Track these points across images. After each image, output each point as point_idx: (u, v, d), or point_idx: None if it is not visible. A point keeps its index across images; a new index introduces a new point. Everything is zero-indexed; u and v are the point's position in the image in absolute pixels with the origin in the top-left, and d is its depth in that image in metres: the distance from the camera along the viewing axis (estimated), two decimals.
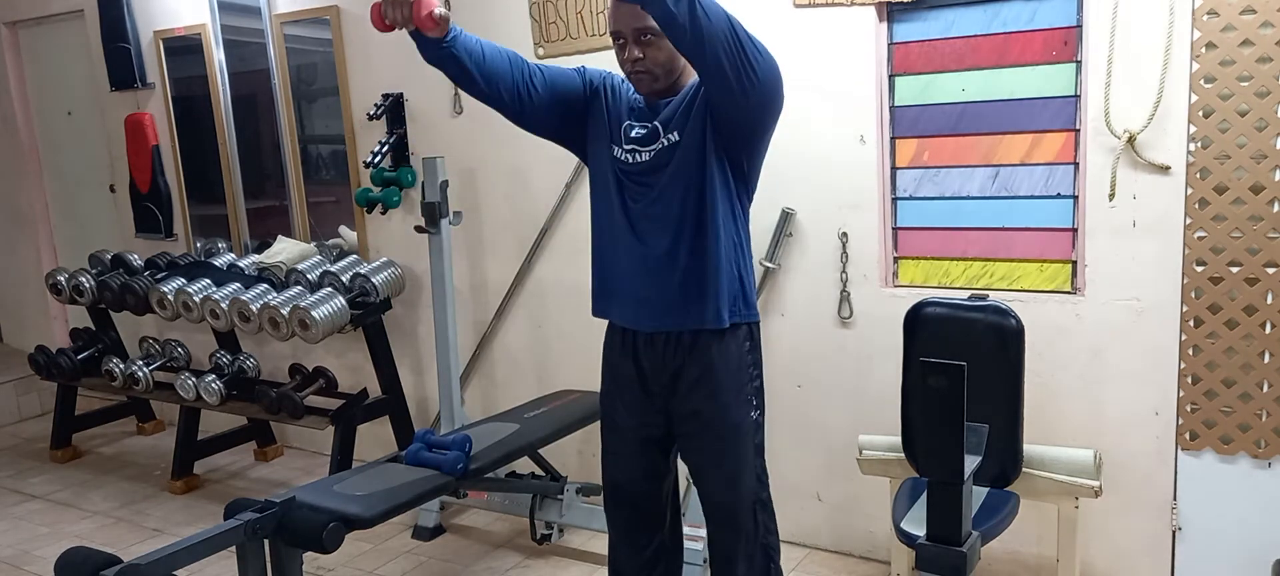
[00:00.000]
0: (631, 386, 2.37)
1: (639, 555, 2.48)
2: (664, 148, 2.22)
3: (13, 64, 5.56)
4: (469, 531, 3.72)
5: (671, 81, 2.22)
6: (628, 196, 2.28)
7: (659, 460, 2.42)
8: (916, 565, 2.03)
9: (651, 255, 2.25)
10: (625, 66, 2.22)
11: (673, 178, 2.21)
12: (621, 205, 2.29)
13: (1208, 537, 2.74)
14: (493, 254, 3.93)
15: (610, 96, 2.33)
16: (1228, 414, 2.66)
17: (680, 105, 2.22)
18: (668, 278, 2.24)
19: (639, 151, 2.25)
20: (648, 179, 2.25)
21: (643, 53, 2.16)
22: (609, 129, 2.31)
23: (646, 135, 2.24)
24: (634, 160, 2.26)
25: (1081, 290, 2.81)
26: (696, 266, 2.22)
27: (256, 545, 2.37)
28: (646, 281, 2.26)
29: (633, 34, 2.14)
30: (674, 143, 2.21)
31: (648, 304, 2.28)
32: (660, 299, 2.26)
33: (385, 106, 3.95)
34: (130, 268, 4.58)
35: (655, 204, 2.24)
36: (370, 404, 4.00)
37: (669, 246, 2.23)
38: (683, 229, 2.22)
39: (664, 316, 2.27)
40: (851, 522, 3.28)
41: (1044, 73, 2.78)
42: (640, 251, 2.27)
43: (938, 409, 1.90)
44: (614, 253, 2.32)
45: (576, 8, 3.45)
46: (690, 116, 2.19)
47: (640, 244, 2.27)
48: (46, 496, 4.31)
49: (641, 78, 2.21)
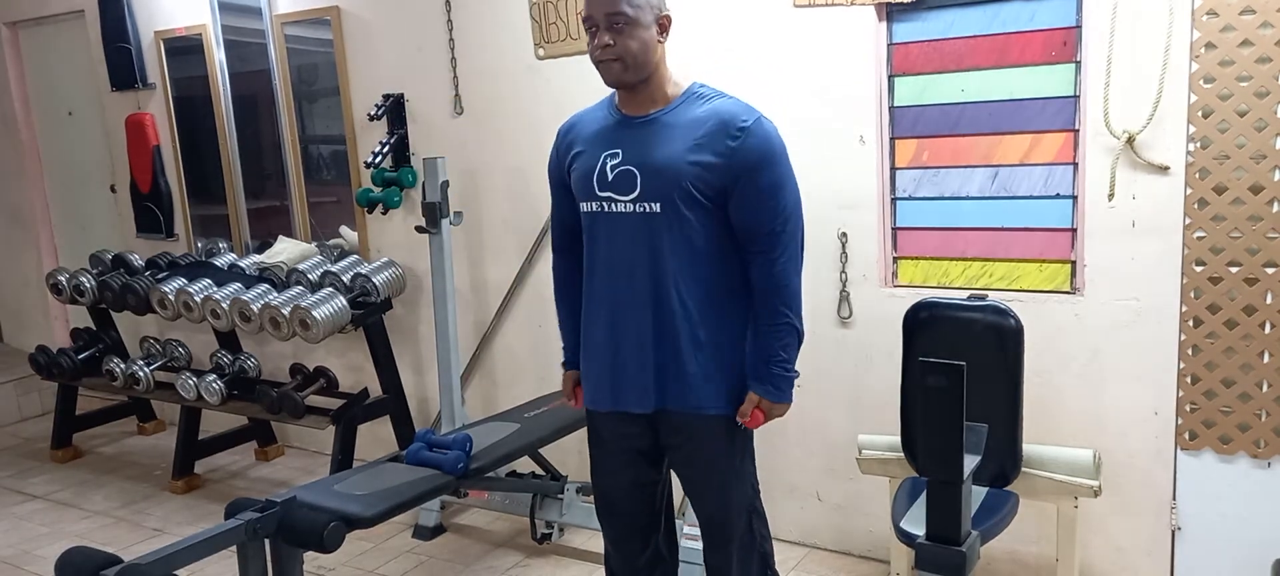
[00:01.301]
0: None
1: (633, 562, 2.44)
2: (641, 214, 2.12)
3: (13, 64, 5.56)
4: (469, 531, 3.72)
5: (645, 76, 2.11)
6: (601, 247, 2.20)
7: (647, 470, 2.36)
8: (916, 564, 2.04)
9: (621, 327, 2.20)
10: (594, 54, 2.10)
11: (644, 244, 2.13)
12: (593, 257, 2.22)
13: (1207, 537, 2.75)
14: (493, 254, 3.93)
15: (571, 150, 2.25)
16: (1227, 414, 2.66)
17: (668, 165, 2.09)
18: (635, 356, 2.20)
19: (615, 201, 2.14)
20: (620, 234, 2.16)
21: (613, 39, 2.05)
22: (580, 188, 2.22)
23: (621, 177, 2.13)
24: (608, 209, 2.16)
25: (1081, 290, 2.81)
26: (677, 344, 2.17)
27: (257, 544, 2.38)
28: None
29: (605, 19, 2.05)
30: (652, 213, 2.11)
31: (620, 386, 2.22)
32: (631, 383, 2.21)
33: (386, 107, 3.95)
34: (131, 267, 4.59)
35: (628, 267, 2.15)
36: (371, 403, 4.00)
37: (638, 320, 2.16)
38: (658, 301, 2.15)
39: (635, 399, 2.21)
40: (851, 522, 3.29)
41: (1043, 73, 2.79)
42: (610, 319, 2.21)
43: (937, 408, 1.91)
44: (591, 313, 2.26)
45: (576, 8, 3.45)
46: (690, 202, 2.09)
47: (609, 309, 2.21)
48: (47, 496, 4.32)
49: (611, 67, 2.09)
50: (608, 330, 2.22)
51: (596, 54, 2.10)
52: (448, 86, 3.86)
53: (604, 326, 2.22)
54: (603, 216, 2.17)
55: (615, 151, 2.14)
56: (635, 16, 2.05)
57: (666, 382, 2.18)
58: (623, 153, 2.14)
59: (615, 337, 2.20)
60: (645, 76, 2.12)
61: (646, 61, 2.10)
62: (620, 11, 2.04)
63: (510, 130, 3.76)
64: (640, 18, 2.06)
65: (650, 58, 2.10)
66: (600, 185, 2.15)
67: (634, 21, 2.05)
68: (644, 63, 2.09)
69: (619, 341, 2.20)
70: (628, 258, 2.15)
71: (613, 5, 2.04)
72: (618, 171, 2.13)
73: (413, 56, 3.94)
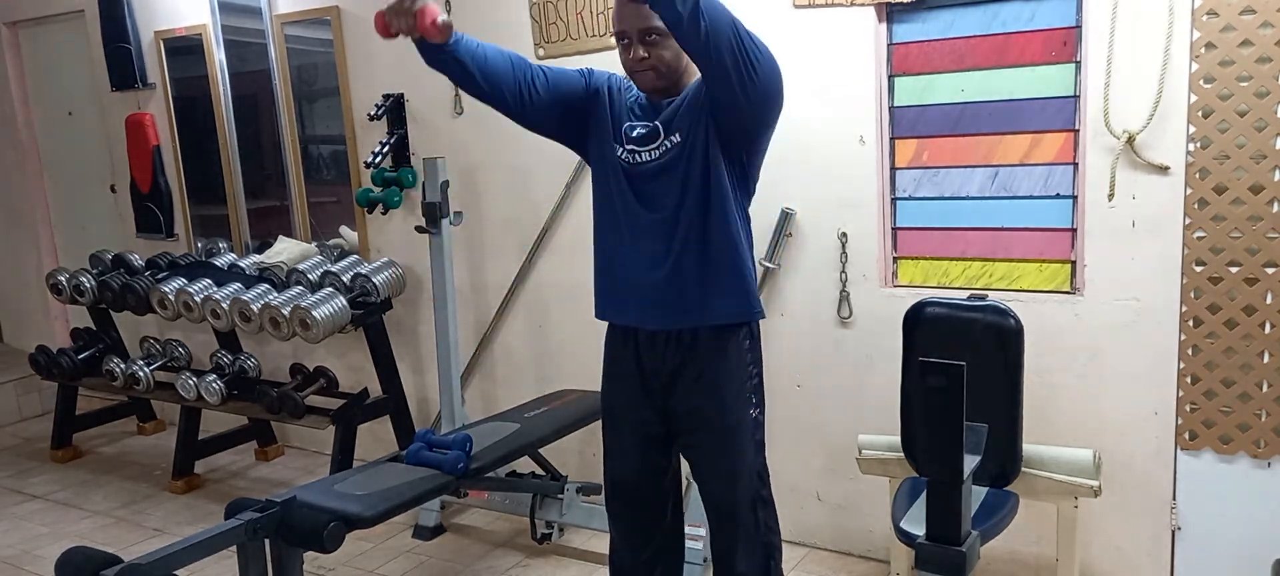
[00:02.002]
0: (632, 384, 2.38)
1: (639, 553, 2.49)
2: (665, 149, 2.23)
3: (13, 64, 5.56)
4: (469, 531, 3.72)
5: (674, 81, 2.24)
6: (629, 196, 2.29)
7: (659, 457, 2.43)
8: (916, 564, 2.04)
9: (653, 255, 2.26)
10: (630, 66, 2.23)
11: (673, 178, 2.22)
12: (623, 205, 2.30)
13: (1207, 537, 2.75)
14: (493, 254, 3.93)
15: (612, 97, 2.35)
16: (1227, 414, 2.66)
17: (681, 105, 2.23)
18: (670, 277, 2.25)
19: (640, 151, 2.26)
20: (649, 179, 2.26)
21: (648, 52, 2.18)
22: (611, 129, 2.32)
23: (647, 135, 2.25)
24: (635, 160, 2.27)
25: (1080, 290, 2.81)
26: (698, 266, 2.24)
27: (257, 544, 2.37)
28: (648, 281, 2.27)
29: (637, 34, 2.16)
30: (675, 143, 2.22)
31: (650, 303, 2.29)
32: (662, 298, 2.27)
33: (386, 107, 3.95)
34: (131, 267, 4.59)
35: (656, 204, 2.25)
36: (371, 403, 4.00)
37: (670, 246, 2.24)
38: (683, 228, 2.23)
39: (666, 315, 2.28)
40: (851, 522, 3.29)
41: (1043, 73, 2.79)
42: (642, 251, 2.28)
43: (937, 408, 1.91)
44: (616, 253, 2.34)
45: (576, 8, 3.45)
46: (692, 117, 2.20)
47: (641, 244, 2.28)
48: (47, 496, 4.32)
49: (646, 77, 2.22)
50: (648, 255, 2.28)
51: (632, 66, 2.22)
52: (448, 86, 3.83)
53: (630, 255, 2.30)
54: (630, 166, 2.28)
55: (642, 121, 2.28)
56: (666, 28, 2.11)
57: (699, 299, 2.26)
58: (647, 120, 2.27)
59: (639, 263, 2.28)
60: (676, 80, 2.24)
61: (678, 67, 2.22)
62: (654, 26, 2.14)
63: (510, 130, 3.70)
64: None
65: (681, 63, 2.22)
66: (627, 138, 2.28)
67: (666, 33, 2.12)
68: (676, 68, 2.22)
69: (642, 266, 2.28)
70: (659, 191, 2.25)
71: (646, 21, 2.13)
72: (645, 130, 2.26)
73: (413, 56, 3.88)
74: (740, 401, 2.31)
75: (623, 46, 2.22)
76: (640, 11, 2.11)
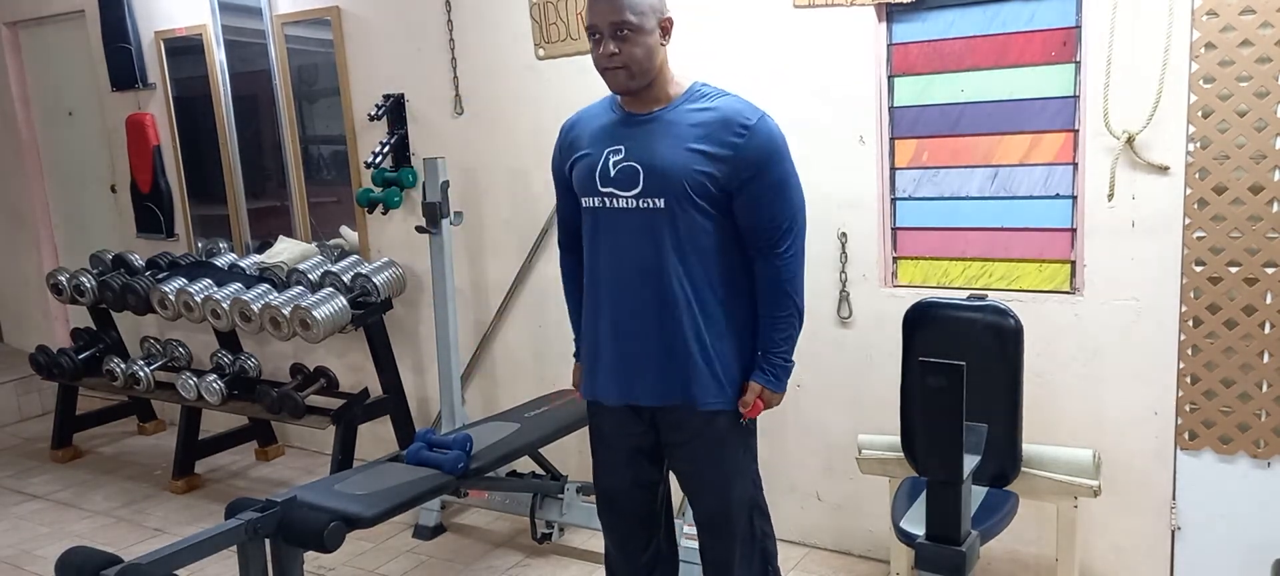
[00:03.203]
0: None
1: (634, 562, 2.45)
2: (646, 207, 2.14)
3: (13, 64, 5.56)
4: (469, 530, 3.72)
5: (648, 81, 2.13)
6: (607, 245, 2.21)
7: (649, 468, 2.38)
8: (916, 564, 2.04)
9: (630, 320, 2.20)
10: (600, 62, 2.13)
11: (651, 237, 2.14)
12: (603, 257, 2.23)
13: (1207, 537, 2.75)
14: (493, 254, 3.93)
15: (576, 141, 2.26)
16: (1227, 414, 2.66)
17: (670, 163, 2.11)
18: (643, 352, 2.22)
19: (617, 196, 2.16)
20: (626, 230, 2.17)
21: (619, 48, 2.08)
22: (582, 184, 2.24)
23: (625, 173, 2.14)
24: (609, 205, 2.18)
25: (1080, 290, 2.81)
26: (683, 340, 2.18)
27: (257, 544, 2.38)
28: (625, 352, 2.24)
29: (609, 28, 2.08)
30: (655, 209, 2.13)
31: (623, 377, 2.24)
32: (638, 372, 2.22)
33: (386, 107, 3.95)
34: (131, 268, 4.59)
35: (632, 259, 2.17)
36: (371, 403, 4.00)
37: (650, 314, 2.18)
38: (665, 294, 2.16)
39: (648, 392, 2.23)
40: (851, 522, 3.29)
41: (1043, 73, 2.79)
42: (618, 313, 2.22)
43: (937, 408, 1.91)
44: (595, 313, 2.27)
45: (577, 8, 3.45)
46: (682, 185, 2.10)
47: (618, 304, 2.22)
48: (47, 496, 4.32)
49: (617, 75, 2.11)
50: (611, 325, 2.23)
51: (602, 62, 2.12)
52: (448, 86, 3.86)
53: (608, 321, 2.24)
54: (605, 212, 2.19)
55: (618, 148, 2.17)
56: (639, 24, 2.07)
57: (669, 378, 2.19)
58: (625, 149, 2.16)
59: (618, 332, 2.22)
60: (650, 80, 2.14)
61: (651, 66, 2.12)
62: (625, 21, 2.06)
63: (510, 130, 3.76)
64: (644, 24, 2.08)
65: (654, 62, 2.13)
66: (603, 181, 2.18)
67: (638, 28, 2.07)
68: (649, 68, 2.12)
69: (622, 336, 2.22)
70: (631, 253, 2.17)
71: (617, 15, 2.07)
72: (620, 167, 2.15)
73: (413, 56, 3.94)
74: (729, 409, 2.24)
75: (594, 42, 2.13)
76: (613, 4, 2.05)
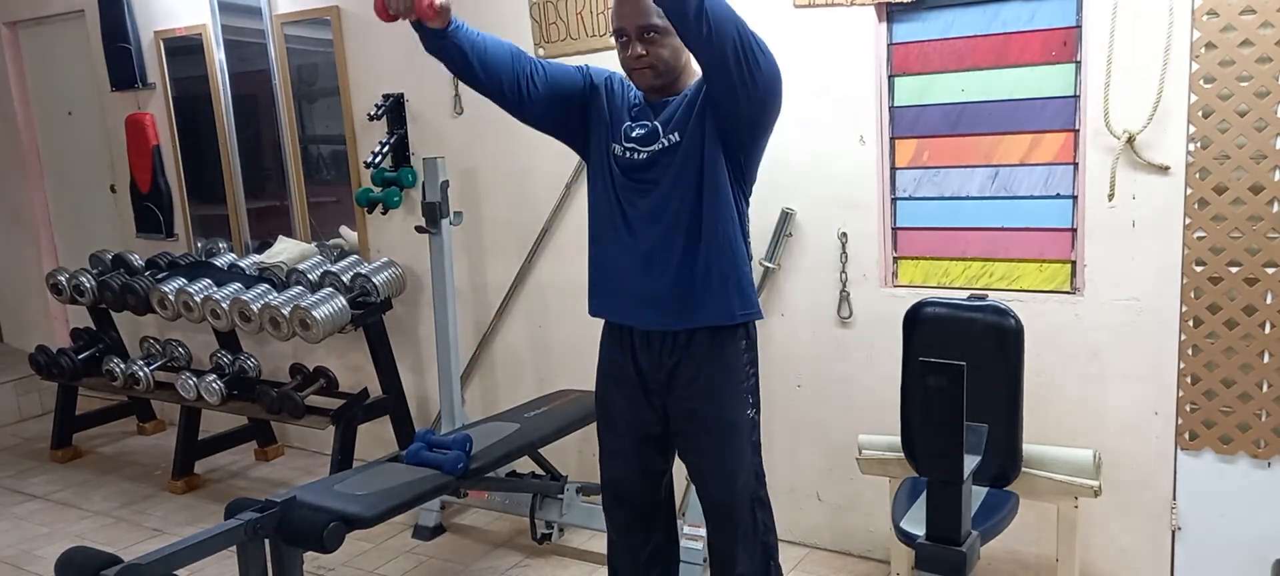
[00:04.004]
0: (628, 384, 2.38)
1: (636, 554, 2.49)
2: (664, 148, 2.23)
3: (13, 64, 5.56)
4: (469, 531, 3.72)
5: (673, 79, 2.24)
6: (626, 195, 2.29)
7: (656, 458, 2.43)
8: (916, 564, 2.04)
9: (649, 254, 2.26)
10: (628, 63, 2.23)
11: (671, 177, 2.22)
12: (619, 203, 2.30)
13: (1207, 537, 2.74)
14: (493, 254, 3.93)
15: (611, 95, 2.35)
16: (1227, 414, 2.66)
17: (681, 105, 2.23)
18: (665, 277, 2.24)
19: (638, 150, 2.26)
20: (646, 178, 2.26)
21: (646, 49, 2.18)
22: (609, 127, 2.32)
23: (646, 134, 2.25)
24: (633, 158, 2.27)
25: (1081, 290, 2.81)
26: (694, 266, 2.23)
27: (257, 544, 2.38)
28: (644, 280, 2.27)
29: (636, 31, 2.16)
30: (674, 143, 2.22)
31: (645, 302, 2.29)
32: (658, 298, 2.26)
33: (386, 107, 3.95)
34: (131, 267, 4.59)
35: (654, 203, 2.25)
36: (371, 403, 4.00)
37: (666, 245, 2.24)
38: (680, 228, 2.23)
39: (662, 316, 2.28)
40: (851, 522, 3.29)
41: (1043, 73, 2.79)
42: (638, 250, 2.27)
43: (937, 409, 1.91)
44: (612, 251, 2.33)
45: (576, 8, 3.45)
46: (691, 117, 2.20)
47: (638, 242, 2.27)
48: (47, 496, 4.32)
49: (644, 74, 2.22)
50: (645, 254, 2.27)
51: (630, 64, 2.21)
52: (448, 86, 3.85)
53: (625, 252, 2.30)
54: (626, 163, 2.28)
55: (641, 120, 2.28)
56: (665, 26, 2.13)
57: (696, 299, 2.25)
58: (645, 119, 2.27)
59: (649, 261, 2.27)
60: (674, 78, 2.24)
61: (676, 65, 2.22)
62: (651, 23, 2.14)
63: (510, 130, 3.73)
64: (669, 26, 2.12)
65: (679, 61, 2.22)
66: (626, 137, 2.27)
67: (665, 31, 2.14)
68: (674, 67, 2.22)
69: (651, 265, 2.27)
70: (655, 190, 2.25)
71: (644, 18, 2.14)
72: (642, 129, 2.26)
73: (413, 56, 3.89)
74: (737, 402, 2.30)
75: (621, 44, 2.22)
76: (639, 8, 2.11)
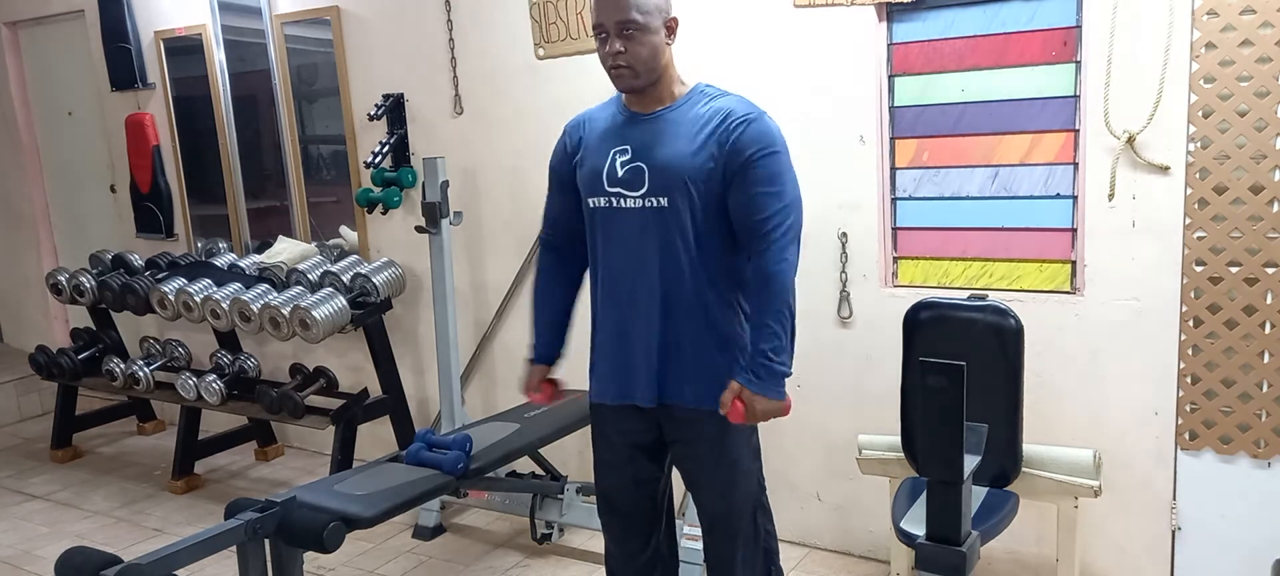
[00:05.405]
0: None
1: (633, 562, 2.44)
2: (650, 207, 2.15)
3: (13, 64, 5.56)
4: (469, 531, 3.72)
5: (654, 80, 2.15)
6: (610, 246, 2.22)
7: (650, 466, 2.37)
8: (916, 564, 2.04)
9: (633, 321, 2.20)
10: (606, 61, 2.14)
11: (655, 240, 2.15)
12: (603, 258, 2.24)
13: (1207, 537, 2.75)
14: (493, 254, 3.93)
15: (584, 141, 2.27)
16: (1227, 414, 2.66)
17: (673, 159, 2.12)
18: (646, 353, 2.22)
19: (624, 196, 2.17)
20: (629, 231, 2.18)
21: (624, 46, 2.09)
22: (589, 184, 2.23)
23: (632, 174, 2.15)
24: (616, 205, 2.18)
25: (1081, 290, 2.81)
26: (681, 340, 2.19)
27: (257, 545, 2.37)
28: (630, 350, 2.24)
29: (615, 27, 2.08)
30: (662, 206, 2.13)
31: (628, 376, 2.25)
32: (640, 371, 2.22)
33: (386, 107, 3.95)
34: (131, 268, 4.59)
35: (635, 260, 2.18)
36: (371, 403, 4.00)
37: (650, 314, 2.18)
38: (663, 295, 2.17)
39: (646, 391, 2.23)
40: (851, 522, 3.29)
41: (1043, 73, 2.79)
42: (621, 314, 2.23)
43: (937, 409, 1.91)
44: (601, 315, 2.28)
45: (576, 8, 3.45)
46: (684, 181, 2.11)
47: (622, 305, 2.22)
48: (47, 496, 4.32)
49: (623, 72, 2.13)
50: (616, 324, 2.24)
51: (608, 60, 2.14)
52: (448, 86, 3.86)
53: (613, 321, 2.25)
54: (612, 212, 2.20)
55: (624, 148, 2.18)
56: (645, 23, 2.08)
57: (672, 377, 2.20)
58: (631, 150, 2.17)
59: (623, 332, 2.23)
60: (655, 79, 2.16)
61: (656, 66, 2.14)
62: (631, 19, 2.08)
63: (510, 130, 3.76)
64: (650, 23, 2.09)
65: (659, 61, 2.14)
66: (610, 181, 2.18)
67: (644, 28, 2.08)
68: (654, 67, 2.14)
69: (626, 336, 2.23)
70: (636, 252, 2.18)
71: (623, 13, 2.08)
72: (627, 167, 2.16)
73: (413, 56, 3.94)
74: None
75: (600, 40, 2.14)
76: (619, 3, 2.06)
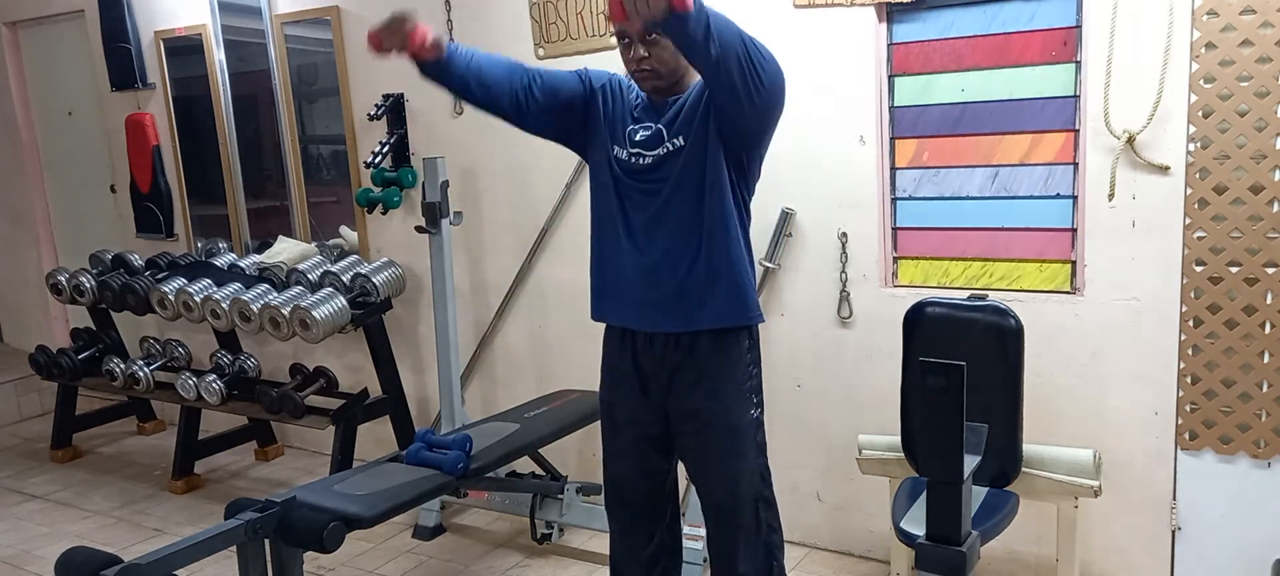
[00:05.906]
0: (630, 385, 2.38)
1: (638, 553, 2.50)
2: (668, 152, 2.23)
3: (13, 64, 5.56)
4: (469, 531, 3.72)
5: (675, 80, 2.25)
6: (629, 198, 2.29)
7: (657, 458, 2.44)
8: (916, 564, 2.04)
9: (652, 258, 2.26)
10: (630, 66, 2.24)
11: (675, 181, 2.23)
12: (621, 207, 2.30)
13: (1207, 537, 2.75)
14: (493, 254, 3.93)
15: (611, 98, 2.35)
16: (1227, 414, 2.66)
17: (685, 106, 2.23)
18: (667, 281, 2.25)
19: (642, 155, 2.26)
20: (650, 182, 2.26)
21: (648, 51, 2.18)
22: (610, 130, 2.32)
23: (650, 138, 2.25)
24: (637, 162, 2.27)
25: (1081, 290, 2.81)
26: (696, 269, 2.24)
27: (257, 545, 2.38)
28: (646, 284, 2.27)
29: (638, 34, 2.16)
30: (679, 147, 2.23)
31: (647, 306, 2.29)
32: (661, 301, 2.27)
33: (386, 107, 3.95)
34: (131, 267, 4.59)
35: (657, 207, 2.26)
36: (371, 403, 4.00)
37: (669, 249, 2.25)
38: (684, 232, 2.23)
39: (663, 319, 2.28)
40: (851, 522, 3.29)
41: (1043, 73, 2.79)
42: (640, 254, 2.28)
43: (937, 409, 1.91)
44: (614, 254, 2.34)
45: (576, 8, 3.45)
46: (695, 120, 2.21)
47: (640, 246, 2.28)
48: (47, 496, 4.32)
49: (646, 77, 2.23)
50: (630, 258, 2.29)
51: (632, 67, 2.23)
52: None
53: (628, 256, 2.30)
54: (631, 167, 2.28)
55: (647, 125, 2.28)
56: None
57: (686, 306, 2.26)
58: (651, 124, 2.27)
59: (637, 266, 2.28)
60: (677, 79, 2.24)
61: (677, 68, 2.22)
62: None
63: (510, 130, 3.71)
64: None
65: (681, 64, 2.21)
66: (630, 140, 2.28)
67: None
68: (676, 69, 2.22)
69: (641, 268, 2.28)
70: (650, 195, 2.25)
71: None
72: (648, 133, 2.26)
73: None
74: (740, 402, 2.31)
75: (623, 46, 2.23)
76: None
